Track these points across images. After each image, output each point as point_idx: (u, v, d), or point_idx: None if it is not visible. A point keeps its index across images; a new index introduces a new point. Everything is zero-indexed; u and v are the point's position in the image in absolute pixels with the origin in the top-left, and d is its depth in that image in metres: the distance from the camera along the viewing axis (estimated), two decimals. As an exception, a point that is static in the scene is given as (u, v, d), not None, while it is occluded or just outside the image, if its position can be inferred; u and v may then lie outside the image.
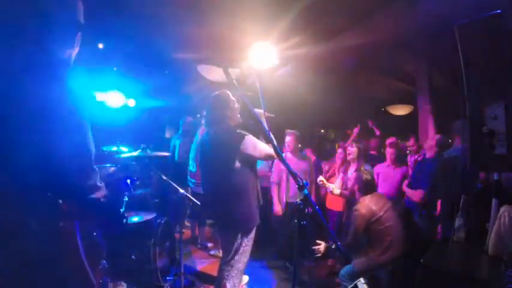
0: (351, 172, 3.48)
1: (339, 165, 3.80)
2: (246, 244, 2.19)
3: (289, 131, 3.76)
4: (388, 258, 2.56)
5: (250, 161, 2.18)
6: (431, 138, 3.45)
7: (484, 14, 1.65)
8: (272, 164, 4.03)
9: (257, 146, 2.13)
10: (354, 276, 2.53)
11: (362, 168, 2.97)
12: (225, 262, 2.21)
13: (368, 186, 2.74)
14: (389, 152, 3.57)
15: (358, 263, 2.63)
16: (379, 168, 3.62)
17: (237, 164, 2.10)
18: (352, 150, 3.49)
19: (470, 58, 1.74)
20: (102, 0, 3.37)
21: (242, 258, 2.20)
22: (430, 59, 4.94)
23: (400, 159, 3.64)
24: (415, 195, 3.13)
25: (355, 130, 4.57)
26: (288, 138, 3.71)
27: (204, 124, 2.37)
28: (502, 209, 1.76)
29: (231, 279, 2.19)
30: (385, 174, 3.53)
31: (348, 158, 3.59)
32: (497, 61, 1.66)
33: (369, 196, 2.71)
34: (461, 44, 1.75)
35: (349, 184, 2.95)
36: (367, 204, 2.64)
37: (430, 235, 2.99)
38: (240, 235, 2.16)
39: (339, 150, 3.86)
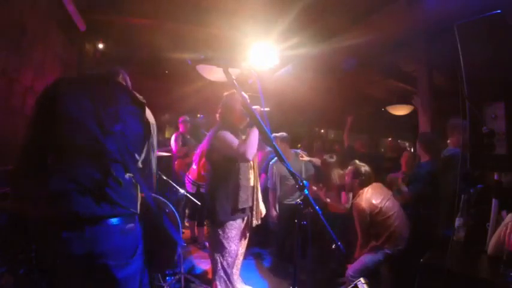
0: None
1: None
2: (223, 238, 2.25)
3: (275, 135, 3.80)
4: (392, 246, 2.54)
5: (227, 159, 2.26)
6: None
7: (484, 14, 1.65)
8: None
9: (226, 144, 2.20)
10: (361, 272, 2.52)
11: (357, 161, 2.94)
12: (211, 260, 2.36)
13: (367, 178, 2.74)
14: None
15: (364, 255, 2.62)
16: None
17: (217, 163, 2.29)
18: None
19: (471, 58, 1.74)
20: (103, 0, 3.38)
21: (225, 256, 2.26)
22: (430, 59, 4.93)
23: None
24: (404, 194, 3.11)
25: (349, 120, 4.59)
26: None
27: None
28: (508, 216, 1.74)
29: (217, 279, 2.27)
30: None
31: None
32: (497, 61, 1.65)
33: (368, 188, 2.69)
34: (461, 44, 1.75)
35: (347, 179, 2.92)
36: (367, 198, 2.63)
37: (430, 235, 2.98)
38: (212, 228, 2.29)
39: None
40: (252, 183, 2.46)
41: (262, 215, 2.65)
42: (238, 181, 2.32)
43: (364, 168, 2.77)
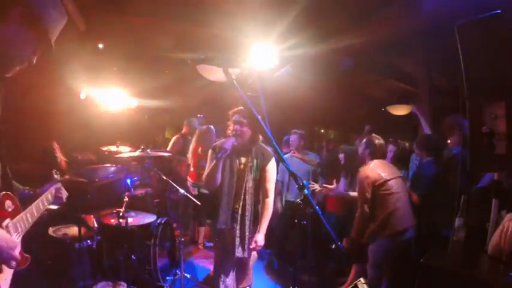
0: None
1: None
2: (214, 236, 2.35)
3: (295, 131, 3.93)
4: (391, 231, 2.46)
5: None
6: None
7: (484, 14, 1.65)
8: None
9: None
10: (374, 266, 2.50)
11: (373, 134, 2.92)
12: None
13: (378, 150, 2.71)
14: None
15: (369, 248, 2.57)
16: None
17: None
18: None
19: (471, 58, 1.74)
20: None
21: (216, 258, 2.32)
22: (430, 59, 4.93)
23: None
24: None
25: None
26: (292, 138, 3.87)
27: None
28: (507, 216, 1.74)
29: (214, 279, 2.32)
30: None
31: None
32: (497, 61, 1.65)
33: (377, 161, 2.67)
34: (461, 44, 1.75)
35: (360, 150, 2.86)
36: (372, 168, 2.59)
37: (432, 235, 2.98)
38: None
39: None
40: (237, 207, 2.22)
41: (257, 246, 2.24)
42: (221, 198, 2.21)
43: (378, 141, 2.73)
